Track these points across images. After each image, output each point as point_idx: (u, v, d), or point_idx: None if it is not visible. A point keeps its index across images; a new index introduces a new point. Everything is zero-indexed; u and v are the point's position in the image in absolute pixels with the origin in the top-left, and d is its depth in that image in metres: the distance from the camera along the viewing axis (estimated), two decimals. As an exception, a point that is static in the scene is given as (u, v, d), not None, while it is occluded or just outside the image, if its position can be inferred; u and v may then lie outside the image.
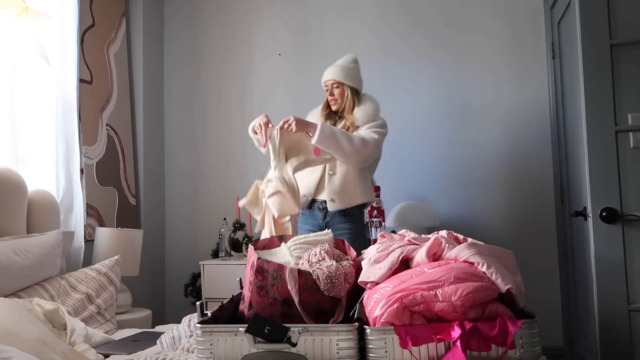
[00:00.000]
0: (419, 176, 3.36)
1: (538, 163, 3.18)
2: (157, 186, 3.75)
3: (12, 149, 2.56)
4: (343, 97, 2.60)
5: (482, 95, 3.30)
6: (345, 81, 2.58)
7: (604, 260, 2.12)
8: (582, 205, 2.39)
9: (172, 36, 3.87)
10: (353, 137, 2.44)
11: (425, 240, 1.53)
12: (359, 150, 2.43)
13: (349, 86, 2.58)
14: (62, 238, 2.50)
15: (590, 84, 2.16)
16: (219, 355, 1.32)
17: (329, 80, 2.61)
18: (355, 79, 2.61)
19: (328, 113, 2.67)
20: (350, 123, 2.59)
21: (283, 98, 3.52)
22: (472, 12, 3.35)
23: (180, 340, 1.89)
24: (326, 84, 2.63)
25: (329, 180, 2.56)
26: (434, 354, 1.24)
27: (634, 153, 2.14)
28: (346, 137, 2.41)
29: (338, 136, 2.38)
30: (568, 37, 2.65)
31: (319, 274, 1.43)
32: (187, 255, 3.65)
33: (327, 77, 2.62)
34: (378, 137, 2.52)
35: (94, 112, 3.24)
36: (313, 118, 2.67)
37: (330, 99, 2.62)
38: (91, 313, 2.33)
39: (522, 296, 1.36)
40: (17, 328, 1.68)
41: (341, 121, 2.63)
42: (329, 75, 2.61)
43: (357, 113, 2.57)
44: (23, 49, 2.62)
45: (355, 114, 2.58)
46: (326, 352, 1.28)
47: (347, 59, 2.64)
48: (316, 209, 2.59)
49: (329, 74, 2.62)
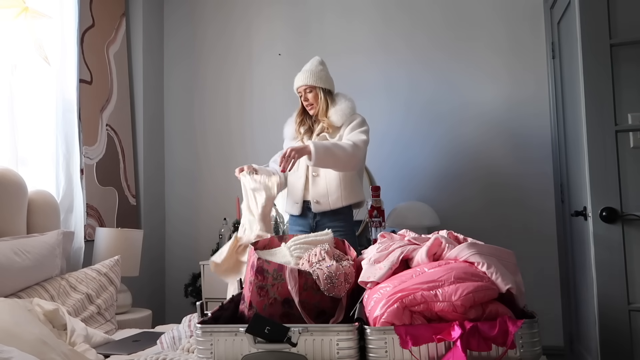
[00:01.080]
0: (419, 176, 3.36)
1: (538, 163, 3.18)
2: (157, 186, 3.75)
3: (12, 149, 2.56)
4: (317, 100, 2.61)
5: (482, 94, 3.30)
6: (317, 84, 2.60)
7: (604, 260, 2.12)
8: (582, 205, 2.39)
9: (172, 36, 3.87)
10: (345, 146, 2.46)
11: (425, 240, 1.53)
12: (353, 156, 2.47)
13: (321, 88, 2.60)
14: (62, 238, 2.50)
15: (590, 84, 2.16)
16: (219, 355, 1.32)
17: (300, 87, 2.63)
18: (326, 80, 2.63)
19: (302, 119, 2.70)
20: (327, 124, 2.61)
21: (282, 98, 3.52)
22: (472, 12, 3.35)
23: (180, 340, 1.89)
24: (299, 90, 2.66)
25: (312, 182, 2.59)
26: (434, 354, 1.24)
27: (634, 153, 2.14)
28: (339, 148, 2.44)
29: (332, 150, 2.42)
30: (568, 37, 2.65)
31: (319, 274, 1.43)
32: (187, 256, 3.65)
33: (298, 83, 2.65)
34: (366, 138, 2.55)
35: (94, 112, 3.24)
36: (289, 127, 2.74)
37: (306, 104, 2.64)
38: (91, 313, 2.33)
39: (522, 296, 1.36)
40: (17, 328, 1.68)
41: (317, 125, 2.66)
42: (299, 82, 2.64)
43: (332, 115, 2.59)
44: (23, 49, 2.62)
45: (330, 116, 2.60)
46: (326, 352, 1.28)
47: (314, 63, 2.67)
48: (305, 209, 2.62)
49: (299, 80, 2.64)
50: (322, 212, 2.58)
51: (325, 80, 2.63)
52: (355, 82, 3.31)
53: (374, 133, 2.69)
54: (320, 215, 2.59)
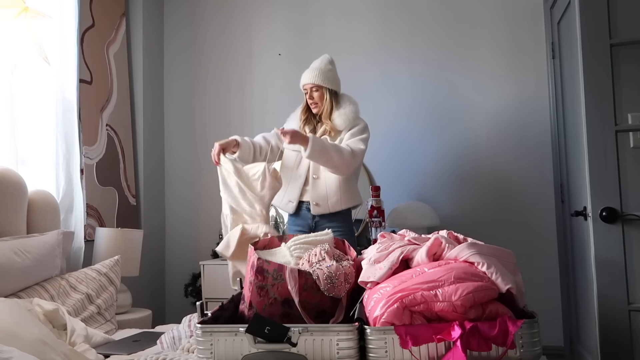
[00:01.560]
0: (419, 176, 3.36)
1: (538, 163, 3.18)
2: (157, 186, 3.75)
3: (12, 149, 2.56)
4: (322, 100, 2.58)
5: (482, 94, 3.30)
6: (324, 84, 2.56)
7: (604, 260, 2.12)
8: (582, 205, 2.39)
9: (172, 36, 3.87)
10: (343, 151, 2.46)
11: (425, 240, 1.53)
12: (348, 164, 2.49)
13: (328, 89, 2.57)
14: (62, 238, 2.50)
15: (590, 84, 2.16)
16: (219, 355, 1.32)
17: (307, 84, 2.60)
18: (334, 81, 2.60)
19: (307, 117, 2.66)
20: (330, 128, 2.58)
21: (283, 98, 3.52)
22: (472, 12, 3.35)
23: (180, 340, 1.89)
24: (305, 88, 2.63)
25: (312, 185, 2.59)
26: (434, 354, 1.24)
27: (634, 153, 2.14)
28: (337, 151, 2.45)
29: (329, 151, 2.43)
30: (568, 37, 2.65)
31: (319, 274, 1.43)
32: (187, 256, 3.65)
33: (305, 80, 2.61)
34: (364, 147, 2.54)
35: (94, 112, 3.24)
36: (292, 122, 2.71)
37: (310, 102, 2.61)
38: (91, 313, 2.33)
39: (522, 296, 1.36)
40: (17, 328, 1.68)
41: (321, 126, 2.63)
42: (307, 79, 2.60)
43: (336, 118, 2.57)
44: (23, 49, 2.61)
45: (334, 119, 2.57)
46: (326, 352, 1.28)
47: (324, 61, 2.62)
48: (304, 209, 2.62)
49: (306, 77, 2.60)
50: (321, 214, 2.58)
51: (333, 81, 2.60)
52: (355, 83, 3.30)
53: (374, 133, 2.69)
54: (319, 217, 2.60)
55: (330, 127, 2.58)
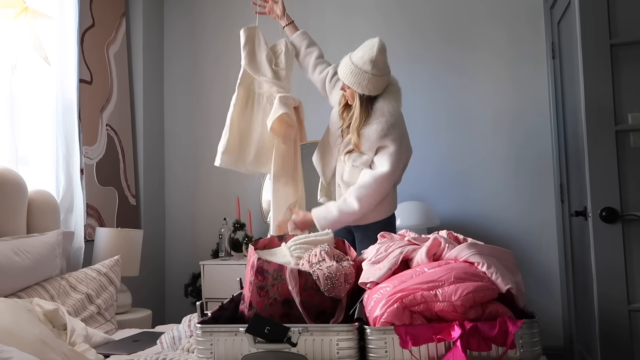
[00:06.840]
0: (419, 176, 3.35)
1: (538, 163, 3.18)
2: (157, 186, 3.75)
3: (12, 149, 2.56)
4: (353, 100, 2.18)
5: (482, 94, 3.30)
6: (353, 87, 2.13)
7: (604, 260, 2.13)
8: (582, 205, 2.39)
9: (172, 36, 3.87)
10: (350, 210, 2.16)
11: (425, 240, 1.53)
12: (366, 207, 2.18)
13: (359, 94, 2.15)
14: (62, 238, 2.50)
15: (590, 84, 2.16)
16: (219, 355, 1.32)
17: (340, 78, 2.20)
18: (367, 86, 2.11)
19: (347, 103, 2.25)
20: (354, 143, 2.18)
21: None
22: (472, 12, 3.35)
23: (180, 340, 1.89)
24: None
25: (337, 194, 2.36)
26: (434, 354, 1.24)
27: (634, 153, 2.14)
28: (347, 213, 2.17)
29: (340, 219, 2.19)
30: (568, 37, 2.65)
31: (319, 275, 1.43)
32: (187, 256, 3.65)
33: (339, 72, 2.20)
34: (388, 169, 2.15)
35: (94, 112, 3.24)
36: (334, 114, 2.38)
37: (343, 93, 2.24)
38: (91, 313, 2.33)
39: (522, 296, 1.36)
40: (17, 328, 1.68)
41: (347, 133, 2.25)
42: (340, 73, 2.19)
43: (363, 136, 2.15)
44: (23, 49, 2.61)
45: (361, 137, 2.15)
46: (326, 352, 1.28)
47: (365, 57, 2.11)
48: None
49: (340, 70, 2.18)
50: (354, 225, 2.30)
51: (367, 85, 2.10)
52: (355, 82, 3.30)
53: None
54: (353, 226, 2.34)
55: (354, 143, 2.18)
